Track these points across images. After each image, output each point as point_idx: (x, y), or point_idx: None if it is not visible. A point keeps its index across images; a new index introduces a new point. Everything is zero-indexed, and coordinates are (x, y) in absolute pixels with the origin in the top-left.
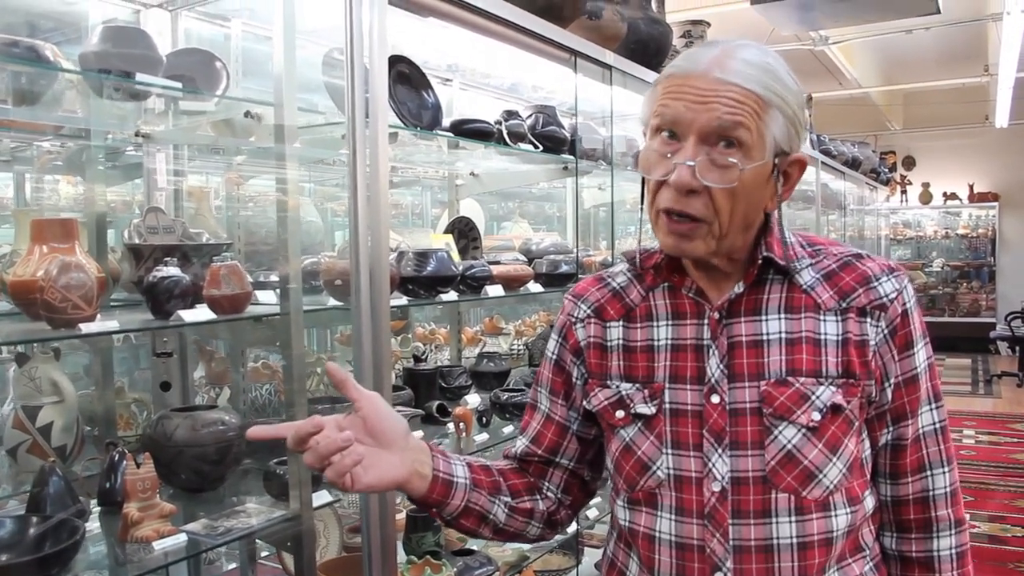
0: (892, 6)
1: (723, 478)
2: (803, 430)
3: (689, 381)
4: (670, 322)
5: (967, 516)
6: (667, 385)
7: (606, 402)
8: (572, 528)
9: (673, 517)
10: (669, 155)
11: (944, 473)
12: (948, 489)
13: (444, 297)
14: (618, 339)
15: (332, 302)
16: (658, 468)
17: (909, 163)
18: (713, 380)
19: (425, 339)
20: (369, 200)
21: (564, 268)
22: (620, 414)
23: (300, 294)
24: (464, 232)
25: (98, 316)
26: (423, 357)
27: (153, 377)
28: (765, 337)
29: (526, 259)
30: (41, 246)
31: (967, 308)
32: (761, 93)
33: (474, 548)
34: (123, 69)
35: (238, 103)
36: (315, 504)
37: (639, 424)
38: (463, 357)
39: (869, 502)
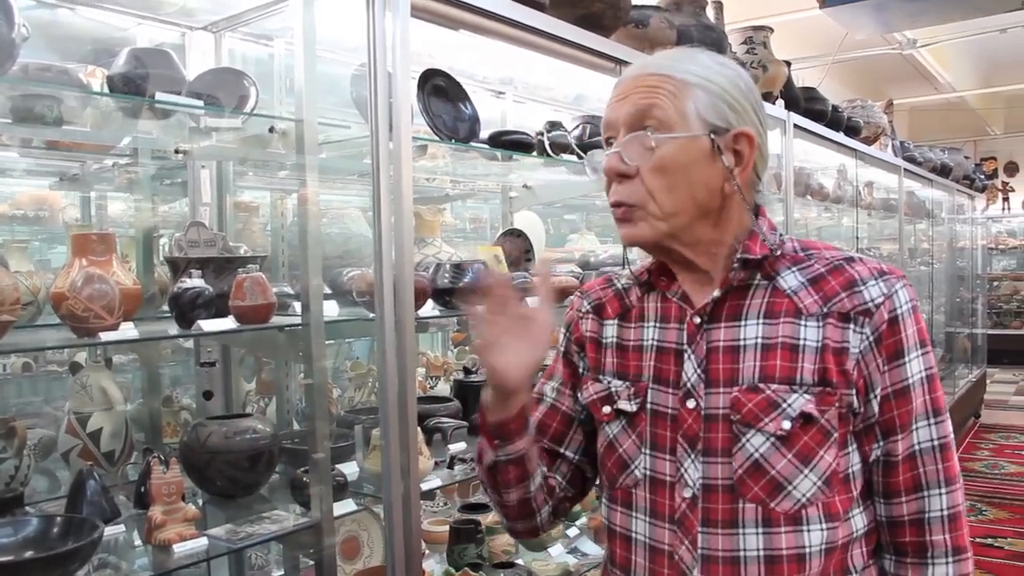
0: (972, 3)
1: (694, 484)
2: (771, 438)
3: (670, 384)
4: (657, 324)
5: (969, 544)
6: (651, 385)
7: (595, 396)
8: None
9: (647, 519)
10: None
11: (942, 495)
12: (946, 512)
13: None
14: (613, 337)
15: (368, 314)
16: (636, 467)
17: (1012, 169)
18: (689, 384)
19: None
20: (393, 210)
21: None
22: (606, 409)
23: (321, 305)
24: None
25: (122, 325)
26: (474, 369)
27: (197, 387)
28: (742, 343)
29: (582, 272)
30: (81, 259)
31: None
32: (675, 75)
33: (517, 561)
34: (144, 89)
35: (268, 119)
36: (338, 513)
37: (622, 421)
38: None
39: (858, 521)
